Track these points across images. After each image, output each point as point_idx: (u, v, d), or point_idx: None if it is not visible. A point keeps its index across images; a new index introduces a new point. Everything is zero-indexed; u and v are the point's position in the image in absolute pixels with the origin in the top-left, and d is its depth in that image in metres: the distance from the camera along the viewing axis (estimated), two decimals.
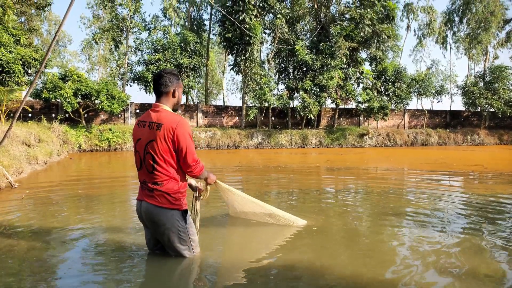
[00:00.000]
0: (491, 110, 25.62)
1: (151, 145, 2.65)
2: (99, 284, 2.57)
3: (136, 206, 2.87)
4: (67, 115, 16.82)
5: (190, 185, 3.19)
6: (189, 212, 2.86)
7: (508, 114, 25.16)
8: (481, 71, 27.86)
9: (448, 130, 25.55)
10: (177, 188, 2.73)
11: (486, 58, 30.45)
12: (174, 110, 2.84)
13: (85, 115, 17.27)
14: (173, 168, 2.70)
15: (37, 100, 16.16)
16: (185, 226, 2.79)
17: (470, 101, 25.32)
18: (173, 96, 2.82)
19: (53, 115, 17.03)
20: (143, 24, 20.37)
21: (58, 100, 15.74)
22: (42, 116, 15.65)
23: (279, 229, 3.83)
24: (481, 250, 3.35)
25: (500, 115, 25.45)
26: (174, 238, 2.77)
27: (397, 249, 3.40)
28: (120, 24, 19.80)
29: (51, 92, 15.09)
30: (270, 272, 2.83)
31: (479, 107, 25.52)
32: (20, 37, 14.53)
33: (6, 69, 13.54)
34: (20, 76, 13.90)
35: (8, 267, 2.85)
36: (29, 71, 14.83)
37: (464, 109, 26.94)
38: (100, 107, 16.31)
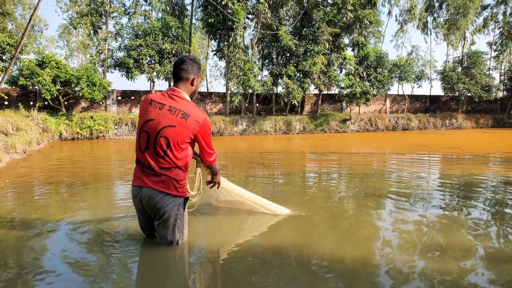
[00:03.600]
0: (469, 94, 26.27)
1: (170, 131, 2.59)
2: (87, 273, 2.58)
3: (133, 193, 2.77)
4: (46, 103, 16.38)
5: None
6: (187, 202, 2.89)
7: (484, 99, 25.86)
8: (459, 56, 28.43)
9: (428, 114, 26.11)
10: (183, 176, 2.73)
11: (463, 44, 31.02)
12: (190, 98, 2.79)
13: (65, 102, 16.86)
14: (184, 156, 2.69)
15: (14, 87, 15.64)
16: (182, 214, 2.80)
17: (449, 86, 25.87)
18: (192, 84, 2.77)
19: (31, 103, 16.55)
20: (123, 9, 19.79)
21: (36, 87, 15.28)
22: (20, 104, 15.18)
23: (265, 216, 3.85)
24: (458, 227, 3.51)
25: (476, 100, 26.12)
26: (170, 225, 2.76)
27: (380, 229, 3.52)
28: (99, 9, 19.18)
29: (28, 79, 14.62)
30: (258, 256, 2.89)
31: (457, 92, 26.12)
32: None
33: None
34: None
35: None
36: (4, 57, 14.32)
37: (443, 94, 27.52)
38: (80, 94, 15.93)
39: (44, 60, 15.58)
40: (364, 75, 22.84)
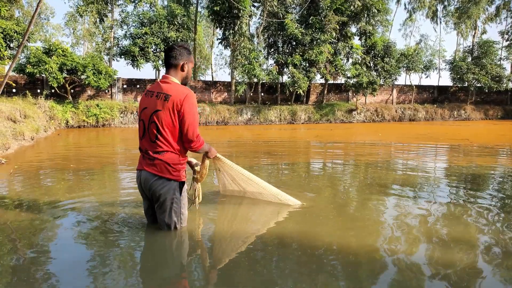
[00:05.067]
0: (478, 85, 25.85)
1: (157, 115, 2.69)
2: (90, 257, 2.64)
3: (136, 176, 2.92)
4: (52, 91, 16.48)
5: (189, 163, 3.23)
6: (185, 186, 2.91)
7: (495, 89, 25.45)
8: (469, 46, 27.90)
9: (435, 105, 25.81)
10: (177, 160, 2.78)
11: (474, 33, 30.46)
12: (184, 84, 2.87)
13: (72, 90, 16.93)
14: (176, 139, 2.74)
15: (21, 75, 15.72)
16: (179, 198, 2.85)
17: (458, 76, 25.47)
18: (182, 70, 2.85)
19: (38, 91, 16.64)
20: None
21: (43, 75, 15.35)
22: (27, 91, 15.28)
23: (268, 206, 3.86)
24: (464, 218, 3.51)
25: (486, 90, 25.73)
26: (167, 208, 2.83)
27: (385, 219, 3.53)
28: None
29: (35, 67, 14.69)
30: (260, 244, 2.92)
31: (466, 83, 25.73)
32: (0, 9, 13.99)
33: None
34: (1, 49, 13.47)
35: None
36: (11, 45, 14.36)
37: (451, 84, 27.15)
38: (86, 82, 15.99)
39: (51, 48, 15.62)
40: (371, 64, 22.59)
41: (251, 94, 21.38)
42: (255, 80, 20.02)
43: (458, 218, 3.49)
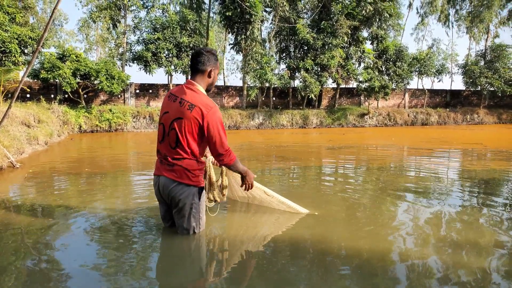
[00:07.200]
0: (491, 89, 25.46)
1: (178, 123, 2.64)
2: (106, 261, 2.61)
3: (154, 181, 2.89)
4: (66, 96, 16.69)
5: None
6: (204, 191, 2.88)
7: (508, 93, 25.02)
8: (482, 50, 27.53)
9: (448, 109, 25.47)
10: (196, 166, 2.75)
11: (487, 37, 30.05)
12: (208, 90, 2.81)
13: (85, 95, 17.13)
14: (195, 148, 2.70)
15: (35, 80, 15.97)
16: (198, 203, 2.82)
17: (471, 80, 25.13)
18: (209, 76, 2.79)
19: (52, 96, 16.88)
20: (141, 2, 19.95)
21: (57, 80, 15.56)
22: (41, 96, 15.50)
23: (281, 213, 3.76)
24: (478, 223, 3.43)
25: (500, 94, 25.34)
26: (186, 213, 2.81)
27: (398, 224, 3.45)
28: (118, 2, 19.38)
29: (49, 72, 14.90)
30: (274, 249, 2.87)
31: (479, 86, 25.36)
32: (15, 15, 14.25)
33: (2, 48, 13.35)
34: (16, 55, 13.70)
35: (10, 245, 2.88)
36: (26, 51, 14.61)
37: (464, 88, 26.79)
38: (99, 87, 16.16)
39: (65, 53, 15.85)
40: (383, 69, 22.42)
41: (263, 98, 21.37)
42: (267, 84, 20.01)
43: (472, 223, 3.41)
